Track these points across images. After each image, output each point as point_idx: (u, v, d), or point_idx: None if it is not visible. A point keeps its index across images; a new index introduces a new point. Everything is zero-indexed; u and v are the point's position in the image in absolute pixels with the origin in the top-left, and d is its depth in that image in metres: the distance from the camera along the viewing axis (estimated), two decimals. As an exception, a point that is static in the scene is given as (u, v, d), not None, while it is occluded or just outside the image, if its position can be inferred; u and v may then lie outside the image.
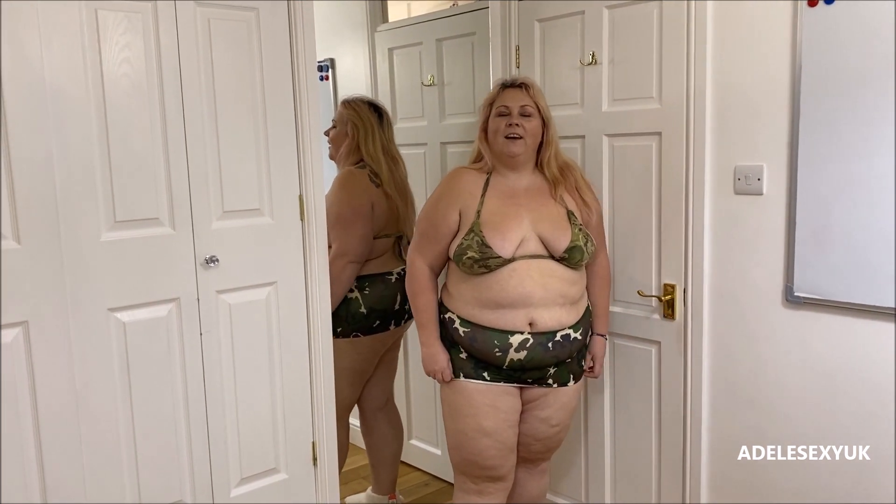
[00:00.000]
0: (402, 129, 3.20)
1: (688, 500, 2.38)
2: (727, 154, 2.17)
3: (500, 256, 2.05)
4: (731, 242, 2.19)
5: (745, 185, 2.13)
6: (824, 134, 1.95)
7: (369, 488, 2.97)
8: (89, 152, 1.83)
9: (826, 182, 1.96)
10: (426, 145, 3.11)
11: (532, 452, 2.28)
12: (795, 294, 2.05)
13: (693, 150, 2.22)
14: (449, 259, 2.19)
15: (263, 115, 2.13)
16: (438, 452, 3.23)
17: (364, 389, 2.85)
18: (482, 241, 2.06)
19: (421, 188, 3.09)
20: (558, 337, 2.10)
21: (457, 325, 2.14)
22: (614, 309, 2.48)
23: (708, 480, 2.34)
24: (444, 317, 2.19)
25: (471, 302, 2.11)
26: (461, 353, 2.15)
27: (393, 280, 2.70)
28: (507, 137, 2.12)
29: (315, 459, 2.32)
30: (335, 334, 2.46)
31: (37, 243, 1.76)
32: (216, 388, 2.10)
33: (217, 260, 2.05)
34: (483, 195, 2.14)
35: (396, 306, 2.71)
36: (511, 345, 2.07)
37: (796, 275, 2.04)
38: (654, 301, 2.37)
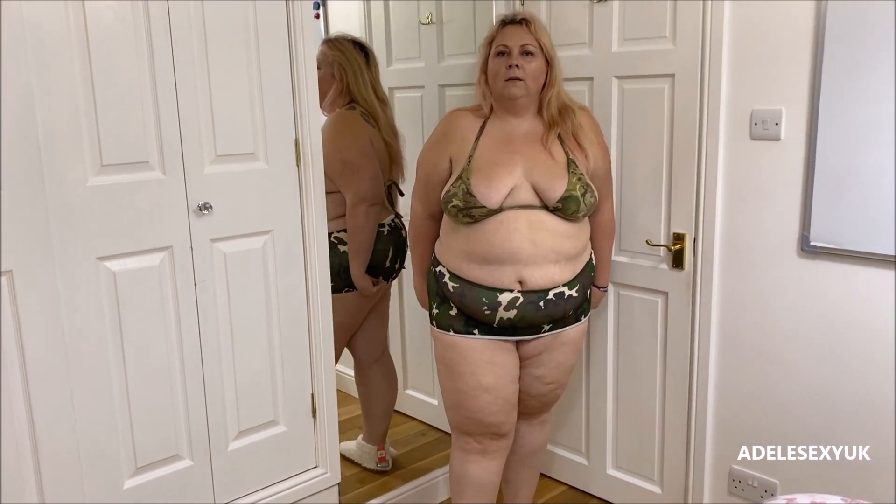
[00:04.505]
0: (398, 71, 3.07)
1: (692, 455, 2.35)
2: (744, 98, 2.08)
3: (483, 206, 1.92)
4: (745, 190, 2.12)
5: (762, 130, 2.05)
6: (849, 77, 1.87)
7: (360, 436, 2.93)
8: (72, 91, 1.71)
9: (849, 128, 1.88)
10: (423, 88, 2.98)
11: (529, 407, 2.22)
12: (812, 243, 1.99)
13: (708, 93, 2.13)
14: None
15: (257, 54, 2.00)
16: (434, 402, 3.19)
17: (359, 342, 2.79)
18: (467, 189, 1.94)
19: (417, 133, 2.97)
20: (551, 295, 1.98)
21: (446, 279, 2.03)
22: (620, 259, 2.42)
23: (713, 432, 2.31)
24: (435, 270, 2.09)
25: (459, 255, 2.00)
26: (451, 309, 2.04)
27: (385, 233, 2.60)
28: (506, 80, 1.97)
29: (314, 411, 2.26)
30: None
31: (19, 188, 1.65)
32: (212, 340, 2.02)
33: (211, 207, 1.95)
34: (477, 140, 2.01)
35: (387, 263, 2.62)
36: (500, 303, 1.96)
37: (813, 223, 1.98)
38: (663, 251, 2.31)
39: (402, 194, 2.74)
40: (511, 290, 1.96)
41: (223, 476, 2.10)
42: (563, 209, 1.96)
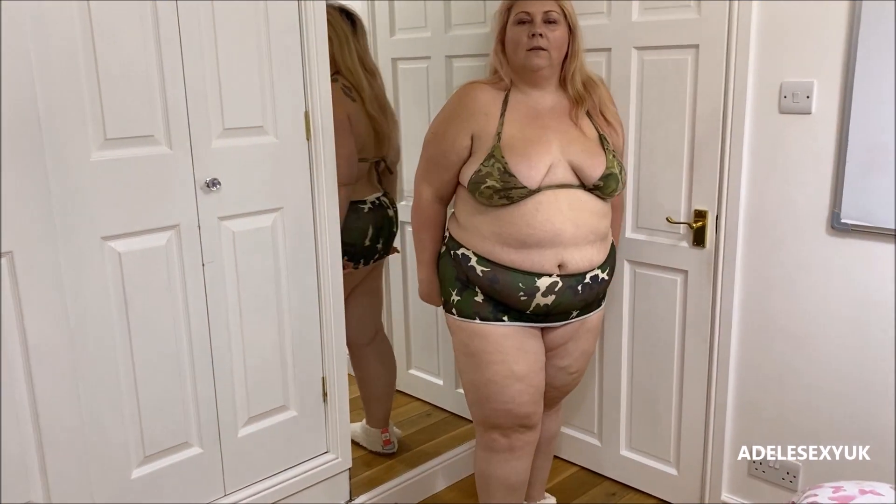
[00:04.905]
0: (402, 42, 2.96)
1: (710, 436, 2.31)
2: (773, 69, 2.00)
3: (524, 187, 1.81)
4: (772, 165, 2.05)
5: (792, 103, 1.98)
6: (887, 50, 1.79)
7: (364, 420, 2.87)
8: (73, 60, 1.60)
9: (885, 102, 1.82)
10: (429, 59, 2.88)
11: (550, 398, 2.15)
12: (842, 221, 1.93)
13: (735, 65, 2.05)
14: (458, 186, 1.98)
15: (265, 21, 1.90)
16: (440, 382, 3.13)
17: (347, 324, 2.68)
18: (505, 168, 1.81)
19: (423, 108, 2.88)
20: (587, 279, 1.91)
21: (473, 262, 1.91)
22: (638, 236, 2.35)
23: (733, 414, 2.26)
24: (456, 253, 1.95)
25: (489, 238, 1.88)
26: (476, 295, 1.93)
27: (365, 210, 2.47)
28: (529, 49, 1.87)
29: (325, 395, 2.19)
30: None
31: (19, 164, 1.54)
32: (221, 323, 1.94)
33: (219, 183, 1.86)
34: (502, 115, 1.89)
35: (367, 242, 2.49)
36: (538, 288, 1.86)
37: (845, 200, 1.92)
38: (683, 228, 2.24)
39: (391, 172, 2.62)
40: (550, 275, 1.87)
41: (233, 463, 2.02)
42: (604, 188, 1.87)
